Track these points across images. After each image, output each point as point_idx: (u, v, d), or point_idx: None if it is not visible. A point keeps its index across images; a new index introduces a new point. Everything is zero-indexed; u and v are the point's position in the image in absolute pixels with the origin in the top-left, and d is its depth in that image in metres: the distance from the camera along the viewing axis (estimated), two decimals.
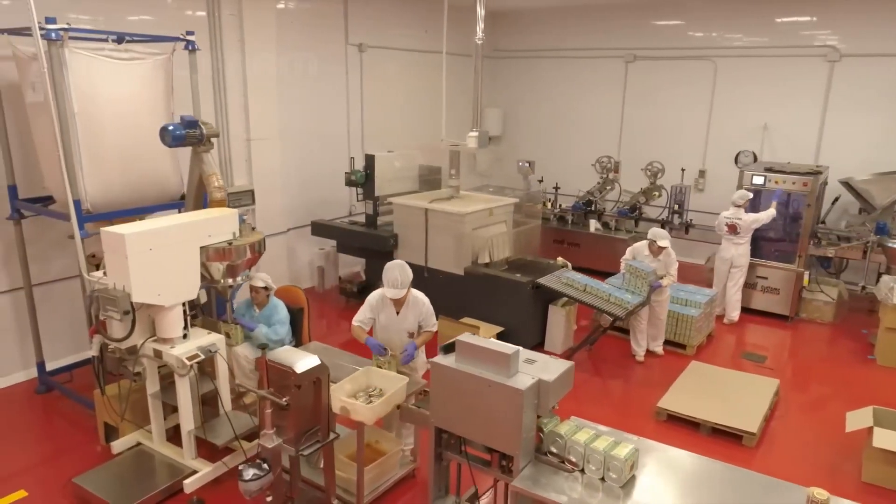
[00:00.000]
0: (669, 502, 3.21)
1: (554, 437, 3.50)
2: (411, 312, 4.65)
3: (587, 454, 3.34)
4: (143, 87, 5.16)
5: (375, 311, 4.68)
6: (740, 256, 7.67)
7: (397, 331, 4.67)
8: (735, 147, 9.70)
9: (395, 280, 4.46)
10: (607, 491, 3.25)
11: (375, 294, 4.71)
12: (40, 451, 4.98)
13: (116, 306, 4.05)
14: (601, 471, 3.28)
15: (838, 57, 8.75)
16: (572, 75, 10.99)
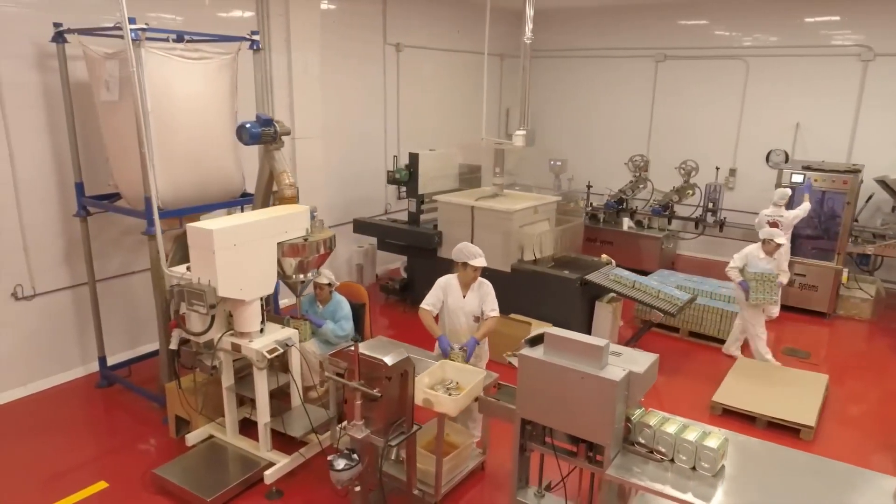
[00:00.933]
0: (763, 491, 3.29)
1: (642, 427, 3.59)
2: (476, 295, 4.79)
3: (677, 444, 3.42)
4: (211, 86, 5.24)
5: (445, 293, 4.81)
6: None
7: (464, 313, 4.81)
8: (766, 146, 9.78)
9: (475, 252, 4.67)
10: (700, 479, 3.33)
11: (444, 278, 4.87)
12: (111, 443, 5.07)
13: (203, 301, 4.14)
14: (692, 460, 3.36)
15: (872, 56, 8.82)
16: (600, 74, 11.08)
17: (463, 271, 4.73)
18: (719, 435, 3.44)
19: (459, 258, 4.71)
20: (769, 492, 3.28)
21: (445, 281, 4.84)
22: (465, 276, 4.74)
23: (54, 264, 5.79)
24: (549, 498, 4.02)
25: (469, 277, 4.74)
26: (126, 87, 4.79)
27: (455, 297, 4.80)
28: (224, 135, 5.40)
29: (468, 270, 4.69)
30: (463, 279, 4.77)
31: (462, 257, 4.69)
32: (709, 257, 10.11)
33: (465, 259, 4.67)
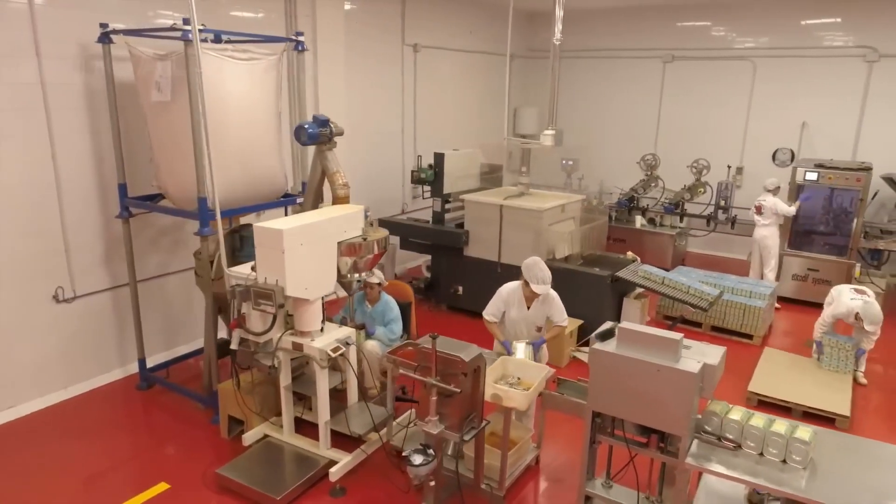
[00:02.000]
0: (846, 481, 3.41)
1: (711, 416, 3.72)
2: (542, 308, 4.85)
3: (767, 437, 3.52)
4: (259, 86, 5.26)
5: (507, 304, 4.84)
6: (766, 238, 8.19)
7: (527, 325, 4.87)
8: (773, 145, 10.04)
9: (543, 277, 4.69)
10: (790, 471, 3.44)
11: (507, 288, 4.90)
12: (162, 444, 5.06)
13: (272, 300, 4.17)
14: (782, 453, 3.47)
15: (877, 57, 9.10)
16: (608, 75, 11.25)
17: (526, 287, 4.79)
18: (809, 428, 3.55)
19: (527, 275, 4.76)
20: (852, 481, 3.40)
21: (508, 292, 4.88)
22: (527, 291, 4.80)
23: (94, 266, 5.76)
24: (616, 488, 4.12)
25: (529, 293, 4.79)
26: (179, 88, 4.80)
27: (518, 309, 4.87)
28: (270, 135, 5.43)
29: (529, 290, 4.75)
30: (528, 295, 4.83)
31: (527, 276, 4.75)
32: (718, 254, 10.33)
33: (528, 279, 4.73)
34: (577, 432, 4.94)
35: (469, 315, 7.49)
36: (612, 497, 4.05)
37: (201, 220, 4.90)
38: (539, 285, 4.68)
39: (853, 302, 5.96)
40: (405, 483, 4.46)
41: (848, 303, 5.99)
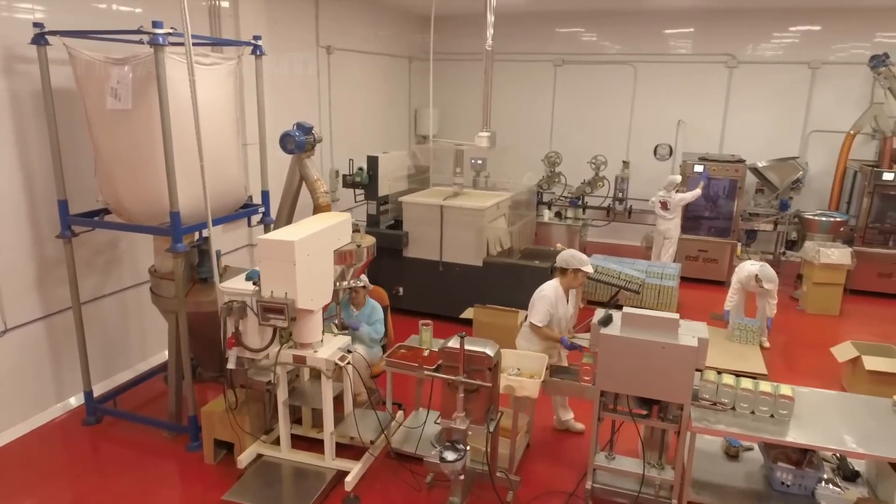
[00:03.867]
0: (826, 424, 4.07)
1: (706, 384, 4.25)
2: (573, 297, 5.23)
3: (756, 397, 4.09)
4: (221, 92, 5.02)
5: (554, 305, 5.05)
6: (670, 230, 9.14)
7: (566, 318, 5.19)
8: (653, 141, 11.19)
9: (585, 259, 5.08)
10: (777, 423, 4.03)
11: (548, 290, 5.09)
12: (146, 480, 4.67)
13: (284, 314, 4.07)
14: (770, 410, 4.05)
15: (736, 63, 10.50)
16: (505, 77, 11.80)
17: (574, 277, 5.07)
18: (789, 386, 4.17)
19: (572, 265, 5.05)
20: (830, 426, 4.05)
21: (552, 292, 5.05)
22: (574, 281, 5.10)
23: (25, 293, 5.14)
24: (618, 459, 4.52)
25: (578, 282, 5.12)
26: (142, 95, 4.47)
27: (563, 305, 5.12)
28: (233, 144, 5.20)
29: (579, 276, 5.06)
30: (568, 284, 5.11)
31: (575, 264, 5.04)
32: (614, 242, 11.29)
33: (577, 266, 5.03)
34: (549, 414, 5.35)
35: (411, 315, 7.59)
36: (616, 466, 4.45)
37: (175, 236, 4.60)
38: (589, 265, 5.05)
39: (752, 266, 6.92)
40: (417, 483, 4.58)
41: (749, 268, 6.95)
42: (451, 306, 7.33)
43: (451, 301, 7.41)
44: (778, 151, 10.30)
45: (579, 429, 5.33)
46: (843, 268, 8.07)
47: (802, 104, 10.32)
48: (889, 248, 8.90)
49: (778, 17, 10.08)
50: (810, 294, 8.31)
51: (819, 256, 8.05)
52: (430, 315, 6.73)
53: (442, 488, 4.59)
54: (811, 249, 8.26)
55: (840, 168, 9.56)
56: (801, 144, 10.43)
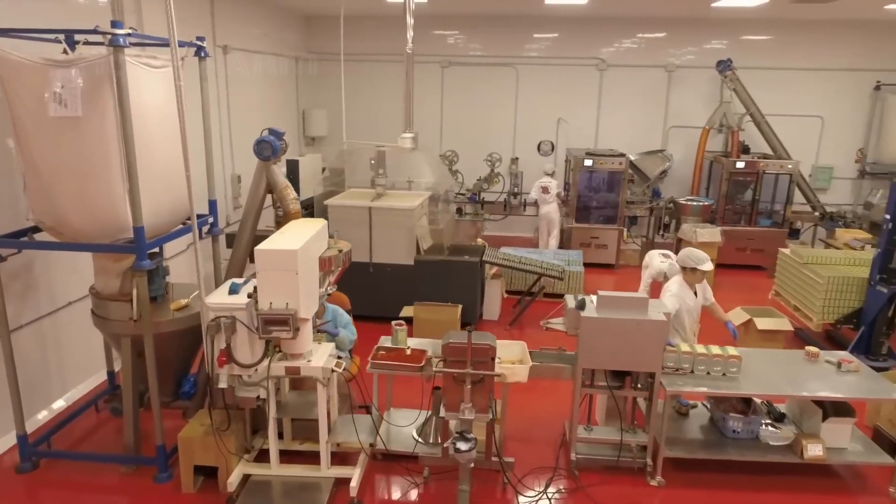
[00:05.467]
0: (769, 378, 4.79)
1: (668, 353, 4.81)
2: (701, 291, 5.49)
3: (695, 361, 4.71)
4: (169, 97, 4.69)
5: (681, 298, 5.31)
6: (550, 213, 10.14)
7: (697, 309, 5.48)
8: (537, 138, 11.99)
9: (703, 257, 5.31)
10: (730, 380, 4.68)
11: (673, 285, 5.38)
12: None
13: (289, 325, 3.96)
14: (724, 368, 4.69)
15: (605, 66, 11.58)
16: (394, 78, 11.94)
17: (692, 275, 5.33)
18: (736, 349, 4.83)
19: (688, 264, 5.31)
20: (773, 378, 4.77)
21: (678, 288, 5.34)
22: (695, 278, 5.36)
23: None
24: (596, 430, 4.97)
25: (698, 279, 5.37)
26: (93, 101, 4.08)
27: (691, 297, 5.40)
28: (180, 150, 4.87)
29: (697, 274, 5.31)
30: (691, 280, 5.37)
31: (691, 263, 5.30)
32: (508, 234, 11.91)
33: (693, 264, 5.28)
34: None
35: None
36: (596, 436, 4.90)
37: (139, 253, 4.25)
38: (706, 264, 5.29)
39: (662, 265, 7.73)
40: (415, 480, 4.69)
41: (658, 265, 7.74)
42: (385, 307, 7.39)
43: (385, 301, 7.48)
44: (644, 145, 11.55)
45: None
46: (715, 245, 9.30)
47: (662, 103, 11.66)
48: (742, 225, 10.39)
49: (633, 25, 11.29)
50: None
51: (696, 236, 9.22)
52: (365, 317, 6.75)
53: (438, 481, 4.74)
54: (689, 230, 9.42)
55: (699, 159, 10.96)
56: (663, 139, 11.77)
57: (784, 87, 11.13)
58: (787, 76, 11.18)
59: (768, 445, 4.82)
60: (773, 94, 10.92)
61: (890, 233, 6.20)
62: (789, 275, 7.52)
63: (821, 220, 10.59)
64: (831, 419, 4.71)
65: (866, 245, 8.72)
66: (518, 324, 7.86)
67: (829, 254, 7.53)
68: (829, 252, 7.86)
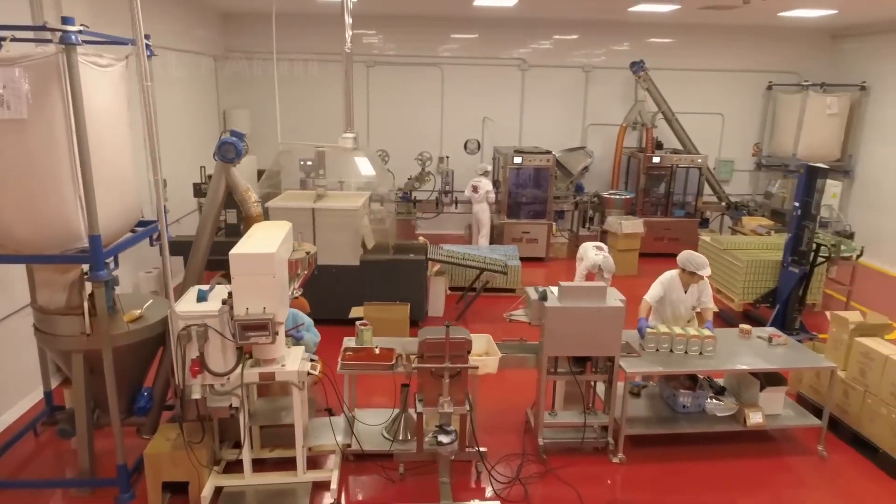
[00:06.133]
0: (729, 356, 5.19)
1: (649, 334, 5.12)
2: (695, 290, 5.71)
3: (673, 341, 5.11)
4: (118, 97, 4.47)
5: (665, 289, 5.67)
6: (479, 213, 10.39)
7: (684, 306, 5.74)
8: (463, 136, 12.21)
9: (702, 263, 5.56)
10: (692, 358, 5.07)
11: (667, 276, 5.75)
12: None
13: (268, 330, 3.89)
14: (684, 348, 5.07)
15: (527, 67, 11.98)
16: (318, 77, 11.78)
17: (689, 277, 5.58)
18: (706, 330, 5.21)
19: (687, 267, 5.55)
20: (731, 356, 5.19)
21: (669, 278, 5.68)
22: (690, 279, 5.62)
23: None
24: (559, 414, 5.19)
25: (693, 280, 5.63)
26: (40, 102, 3.82)
27: (678, 293, 5.69)
28: (129, 155, 4.65)
29: (695, 277, 5.56)
30: (686, 280, 5.65)
31: (690, 267, 5.53)
32: (440, 232, 12.06)
33: (693, 269, 5.52)
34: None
35: None
36: (560, 420, 5.13)
37: (97, 263, 4.02)
38: (705, 269, 5.54)
39: (596, 257, 8.12)
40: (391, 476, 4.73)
41: (593, 258, 8.12)
42: (332, 308, 7.30)
43: (332, 303, 7.39)
44: (565, 143, 12.05)
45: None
46: (638, 235, 9.89)
47: (580, 102, 12.22)
48: (658, 216, 11.09)
49: (551, 26, 11.77)
50: (616, 260, 9.98)
51: (621, 227, 9.76)
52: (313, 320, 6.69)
53: (414, 475, 4.80)
54: (614, 223, 9.96)
55: (617, 155, 11.58)
56: (582, 136, 12.34)
57: (688, 87, 11.96)
58: (691, 76, 12.03)
59: (715, 417, 5.24)
60: (679, 93, 11.68)
61: (799, 219, 6.87)
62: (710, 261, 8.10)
63: (727, 209, 11.49)
64: (767, 389, 5.19)
65: (771, 231, 9.59)
66: (463, 319, 8.01)
67: (744, 240, 8.22)
68: (745, 238, 8.59)
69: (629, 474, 4.96)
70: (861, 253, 8.07)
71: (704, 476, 4.96)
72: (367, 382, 5.60)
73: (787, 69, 12.15)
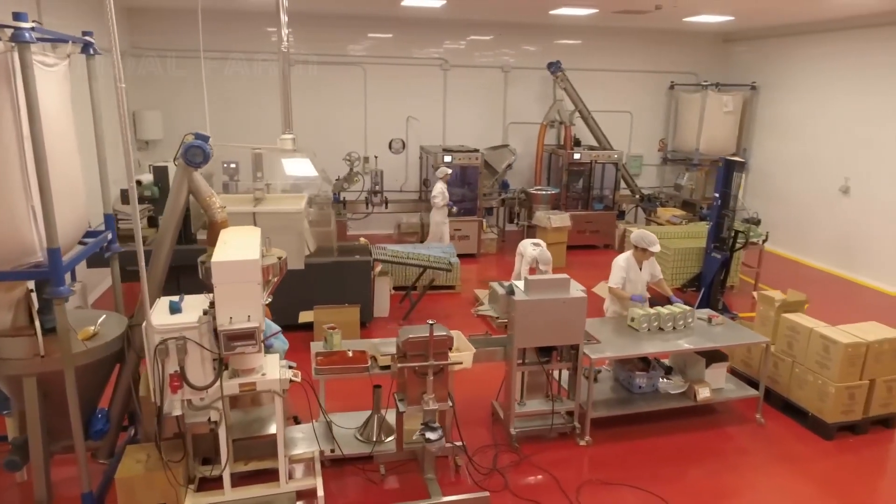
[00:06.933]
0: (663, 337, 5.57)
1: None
2: (647, 267, 6.25)
3: (677, 317, 5.57)
4: (63, 99, 4.15)
5: (627, 270, 6.12)
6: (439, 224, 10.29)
7: (641, 282, 6.24)
8: (388, 135, 12.21)
9: (653, 240, 6.07)
10: (648, 339, 5.43)
11: (622, 259, 6.23)
12: None
13: (255, 339, 3.78)
14: (683, 324, 5.57)
15: (449, 66, 12.15)
16: (234, 76, 11.35)
17: (642, 254, 6.11)
18: (686, 306, 5.61)
19: (640, 244, 6.07)
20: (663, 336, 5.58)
21: (625, 261, 6.20)
22: (643, 256, 6.14)
23: None
24: (528, 404, 5.37)
25: (646, 257, 6.14)
26: None
27: (635, 272, 6.21)
28: (76, 160, 4.34)
29: (647, 254, 6.09)
30: (639, 258, 6.16)
31: (643, 244, 6.06)
32: (371, 232, 11.95)
33: (645, 246, 6.04)
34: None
35: None
36: (529, 409, 5.31)
37: (56, 278, 3.73)
38: (655, 246, 6.05)
39: (534, 251, 8.42)
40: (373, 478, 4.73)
41: (531, 252, 8.42)
42: (279, 314, 7.07)
43: (278, 308, 7.16)
44: (488, 141, 12.33)
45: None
46: (565, 229, 10.33)
47: (500, 101, 12.55)
48: (580, 210, 11.63)
49: (471, 27, 12.00)
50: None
51: (550, 222, 10.15)
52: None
53: (394, 474, 4.81)
54: (543, 217, 10.34)
55: (539, 152, 12.01)
56: (503, 134, 12.68)
57: (599, 87, 12.56)
58: (600, 76, 12.66)
59: (668, 395, 5.63)
60: (590, 92, 12.24)
61: (719, 208, 7.48)
62: None
63: (641, 201, 12.23)
64: (712, 365, 5.64)
65: (684, 221, 10.34)
66: (409, 318, 8.05)
67: (671, 230, 8.81)
68: (673, 228, 9.19)
69: (596, 455, 5.23)
70: (766, 238, 8.89)
71: (661, 450, 5.33)
72: (333, 386, 5.52)
73: (686, 70, 13.10)
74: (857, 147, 10.25)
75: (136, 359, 4.48)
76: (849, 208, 10.43)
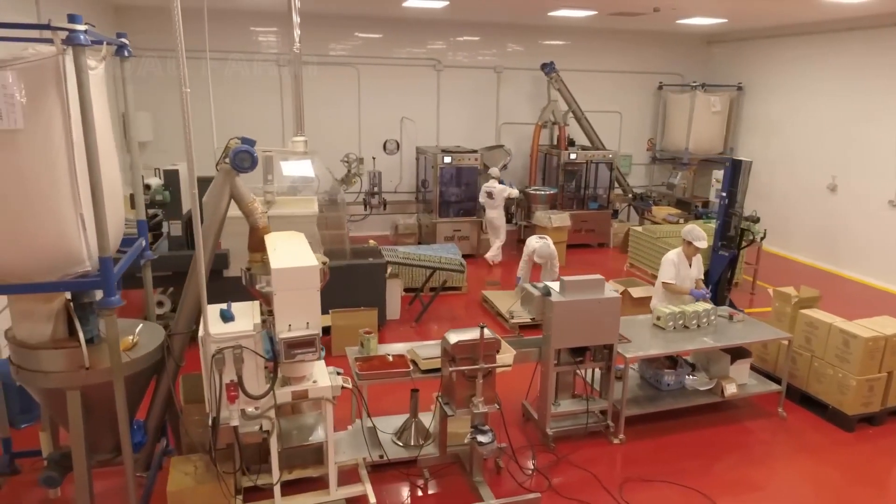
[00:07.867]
0: (690, 335, 5.67)
1: None
2: (695, 263, 6.41)
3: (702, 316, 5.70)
4: (102, 102, 4.03)
5: (678, 267, 6.28)
6: (494, 219, 10.37)
7: (690, 279, 6.38)
8: (382, 136, 12.14)
9: (703, 235, 6.23)
10: (691, 333, 5.57)
11: (672, 255, 6.38)
12: None
13: (313, 346, 3.73)
14: (708, 321, 5.71)
15: (442, 67, 12.14)
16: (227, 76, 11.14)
17: (689, 248, 6.26)
18: (706, 303, 5.69)
19: (688, 238, 6.25)
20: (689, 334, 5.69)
21: (675, 257, 6.34)
22: (690, 251, 6.30)
23: None
24: (562, 405, 5.41)
25: (693, 252, 6.30)
26: (37, 110, 3.38)
27: (685, 267, 6.36)
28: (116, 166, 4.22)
29: (692, 248, 6.24)
30: (688, 252, 6.32)
31: (691, 238, 6.22)
32: (369, 234, 11.88)
33: (691, 239, 6.21)
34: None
35: None
36: (563, 409, 5.36)
37: (108, 288, 3.62)
38: (703, 241, 6.21)
39: (535, 244, 8.48)
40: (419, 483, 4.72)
41: (532, 244, 8.49)
42: None
43: None
44: (481, 141, 12.37)
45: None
46: (566, 228, 10.42)
47: (493, 101, 12.60)
48: (576, 209, 11.75)
49: (464, 28, 12.04)
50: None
51: (551, 221, 10.23)
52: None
53: (439, 477, 4.80)
54: (543, 217, 10.41)
55: (534, 152, 12.10)
56: (496, 135, 12.73)
57: (589, 87, 12.70)
58: (591, 77, 12.82)
59: (695, 391, 5.74)
60: (581, 93, 12.38)
61: (726, 207, 7.64)
62: (643, 249, 8.81)
63: (633, 200, 12.42)
64: (737, 362, 5.77)
65: (680, 219, 10.53)
66: (421, 320, 8.03)
67: (673, 228, 8.95)
68: (674, 227, 9.32)
69: (629, 452, 5.30)
70: (764, 235, 9.11)
71: (689, 445, 5.43)
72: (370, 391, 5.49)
73: (672, 71, 13.35)
74: (843, 146, 10.59)
75: (175, 368, 4.37)
76: (836, 205, 10.77)
